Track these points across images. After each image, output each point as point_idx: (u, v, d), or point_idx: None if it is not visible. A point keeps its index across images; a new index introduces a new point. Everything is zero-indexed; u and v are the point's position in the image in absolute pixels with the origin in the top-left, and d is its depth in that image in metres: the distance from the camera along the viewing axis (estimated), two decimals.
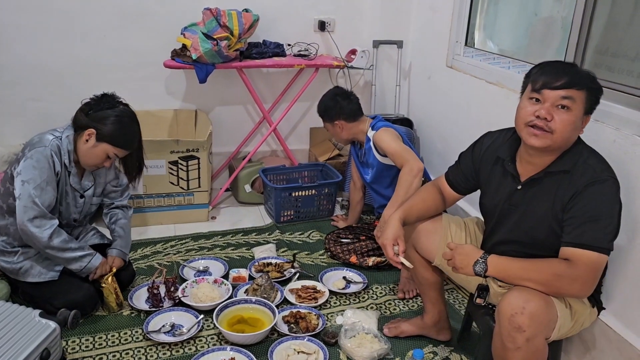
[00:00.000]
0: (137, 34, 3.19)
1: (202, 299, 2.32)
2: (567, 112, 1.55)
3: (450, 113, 3.12)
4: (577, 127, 1.59)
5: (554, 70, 1.58)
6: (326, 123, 2.80)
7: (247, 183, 3.37)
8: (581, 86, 1.55)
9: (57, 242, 2.07)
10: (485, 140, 1.89)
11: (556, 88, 1.55)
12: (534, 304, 1.55)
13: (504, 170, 1.78)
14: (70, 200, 2.21)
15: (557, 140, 1.58)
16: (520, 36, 2.91)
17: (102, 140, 2.10)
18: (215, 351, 2.04)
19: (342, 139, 2.82)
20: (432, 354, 2.13)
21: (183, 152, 2.99)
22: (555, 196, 1.64)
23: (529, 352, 1.57)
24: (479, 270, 1.66)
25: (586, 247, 1.55)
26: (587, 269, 1.55)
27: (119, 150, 2.15)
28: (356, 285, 2.55)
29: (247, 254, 2.83)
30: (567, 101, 1.55)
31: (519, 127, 1.65)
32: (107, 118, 2.10)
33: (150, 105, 3.33)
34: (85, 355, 2.06)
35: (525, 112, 1.61)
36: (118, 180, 2.41)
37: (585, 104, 1.57)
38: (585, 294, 1.61)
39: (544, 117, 1.56)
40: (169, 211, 3.10)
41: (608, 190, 1.58)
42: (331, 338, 2.16)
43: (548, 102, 1.56)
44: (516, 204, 1.74)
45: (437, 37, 3.25)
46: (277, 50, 3.29)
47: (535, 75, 1.61)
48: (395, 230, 1.82)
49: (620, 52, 2.06)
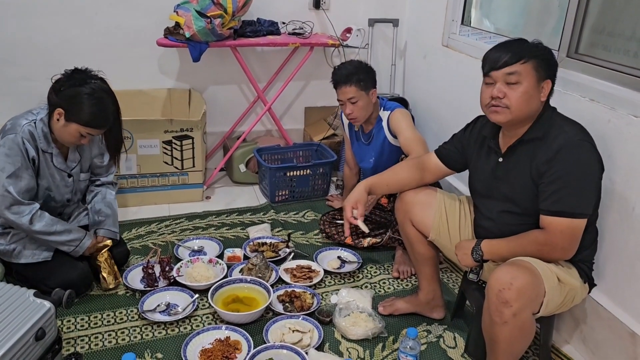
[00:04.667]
0: (130, 11, 3.14)
1: (197, 278, 2.32)
2: (517, 86, 1.65)
3: (445, 93, 3.11)
4: (531, 97, 1.67)
5: (497, 51, 1.70)
6: (360, 91, 2.52)
7: (242, 163, 3.36)
8: (524, 59, 1.64)
9: (40, 226, 2.06)
10: (477, 122, 1.98)
11: (499, 67, 1.66)
12: (521, 279, 1.59)
13: (488, 148, 1.87)
14: (59, 182, 2.18)
15: (515, 113, 1.67)
16: (517, 15, 2.89)
17: (71, 121, 2.01)
18: (211, 330, 2.05)
19: (367, 113, 2.59)
20: (425, 332, 2.15)
21: (177, 131, 2.97)
22: (531, 163, 1.71)
23: (516, 326, 1.63)
24: (477, 258, 1.80)
25: (559, 214, 1.64)
26: (562, 235, 1.65)
27: (90, 130, 2.04)
28: (351, 264, 2.56)
29: (242, 234, 2.83)
30: (513, 77, 1.65)
31: (484, 110, 1.77)
32: (77, 96, 1.99)
33: (143, 85, 3.30)
34: (80, 334, 2.07)
35: (483, 96, 1.74)
36: (103, 155, 2.35)
37: (536, 72, 1.65)
38: (568, 256, 1.71)
39: (497, 96, 1.67)
40: (163, 191, 3.09)
41: (582, 153, 1.64)
42: (326, 317, 2.17)
43: (498, 82, 1.68)
44: (500, 177, 1.83)
45: (433, 16, 3.22)
46: (271, 29, 3.26)
47: (483, 60, 1.74)
48: (357, 195, 2.00)
49: (616, 32, 2.05)
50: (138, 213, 2.98)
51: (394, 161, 2.61)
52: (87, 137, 2.07)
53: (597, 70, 2.04)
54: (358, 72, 2.54)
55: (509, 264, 1.67)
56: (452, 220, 2.02)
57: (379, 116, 2.65)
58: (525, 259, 1.69)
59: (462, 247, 1.87)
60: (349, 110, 2.56)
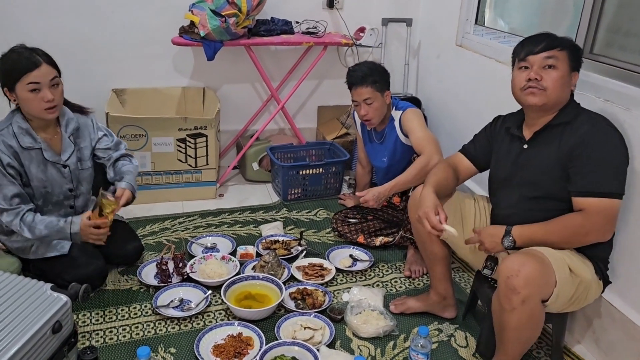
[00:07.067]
0: (145, 10, 3.17)
1: (210, 275, 2.34)
2: (553, 70, 1.72)
3: (459, 92, 3.10)
4: (565, 82, 1.74)
5: (533, 39, 1.78)
6: (376, 92, 2.53)
7: (255, 161, 3.38)
8: (561, 46, 1.73)
9: (27, 232, 2.05)
10: (497, 121, 2.03)
11: (538, 52, 1.73)
12: (529, 267, 1.61)
13: (512, 136, 1.91)
14: (55, 175, 2.14)
15: (552, 96, 1.73)
16: (531, 14, 2.87)
17: (13, 88, 1.96)
18: (223, 326, 2.07)
19: (381, 114, 2.61)
20: (437, 331, 2.16)
21: (191, 129, 2.99)
22: (559, 146, 1.74)
23: (524, 314, 1.64)
24: (508, 245, 1.76)
25: (596, 194, 1.66)
26: (600, 216, 1.66)
27: (29, 77, 1.94)
28: (363, 263, 2.57)
29: (255, 232, 2.85)
30: (551, 60, 1.72)
31: (516, 95, 1.81)
32: (1, 65, 1.97)
33: (158, 83, 3.33)
34: (95, 328, 2.10)
35: (518, 80, 1.79)
36: (107, 137, 2.32)
37: (570, 61, 1.74)
38: (605, 238, 1.72)
39: (535, 78, 1.72)
40: (177, 188, 3.12)
41: (612, 138, 1.69)
42: (337, 314, 2.18)
43: (535, 66, 1.74)
44: (522, 164, 1.85)
45: (446, 15, 3.21)
46: (285, 28, 3.27)
47: (518, 49, 1.81)
48: (434, 199, 1.85)
49: (632, 31, 2.03)
50: (152, 210, 3.01)
51: (407, 160, 2.62)
52: (41, 89, 1.97)
53: (612, 70, 2.02)
54: (373, 74, 2.54)
55: (520, 252, 1.68)
56: (467, 219, 2.02)
57: (391, 116, 2.65)
58: (538, 248, 1.69)
59: (489, 234, 1.79)
60: (364, 112, 2.56)
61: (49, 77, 1.99)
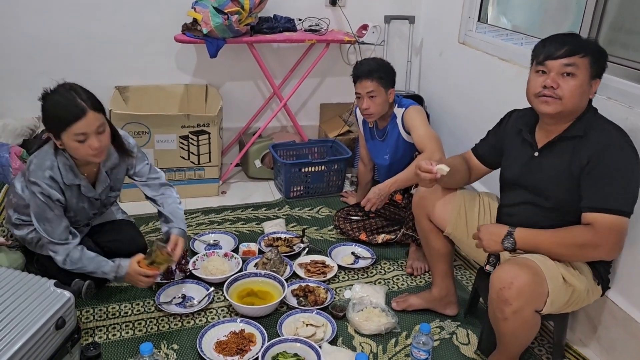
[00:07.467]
0: (148, 8, 3.18)
1: (213, 271, 2.35)
2: (572, 79, 1.63)
3: (461, 90, 3.10)
4: (584, 91, 1.66)
5: (555, 41, 1.68)
6: (380, 87, 2.54)
7: (257, 158, 3.38)
8: (583, 53, 1.63)
9: (70, 266, 2.04)
10: (512, 115, 1.97)
11: (558, 57, 1.64)
12: (521, 279, 1.59)
13: (523, 139, 1.85)
14: (86, 206, 2.16)
15: (567, 105, 1.65)
16: (534, 12, 2.87)
17: (61, 135, 1.88)
18: (226, 323, 2.08)
19: (382, 110, 2.61)
20: (438, 328, 2.16)
21: (194, 126, 3.00)
22: (571, 159, 1.69)
23: (517, 322, 1.64)
24: (508, 246, 1.72)
25: (606, 210, 1.61)
26: (609, 232, 1.61)
27: (76, 127, 1.85)
28: (365, 260, 2.57)
29: (257, 229, 2.85)
30: (570, 68, 1.63)
31: (530, 100, 1.74)
32: (45, 112, 1.90)
33: (160, 80, 3.34)
34: (98, 324, 2.11)
35: (533, 84, 1.71)
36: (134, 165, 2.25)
37: (591, 69, 1.64)
38: (611, 257, 1.69)
39: (550, 86, 1.64)
40: (180, 185, 3.11)
41: (626, 155, 1.62)
42: (339, 312, 2.19)
43: (553, 72, 1.65)
44: (532, 170, 1.80)
45: (449, 13, 3.21)
46: (287, 25, 3.27)
47: (539, 49, 1.71)
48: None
49: (635, 29, 2.03)
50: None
51: (409, 158, 2.62)
52: (87, 138, 1.89)
53: (615, 68, 2.02)
54: (380, 70, 2.56)
55: (513, 262, 1.67)
56: (471, 215, 2.02)
57: (393, 113, 2.65)
58: (530, 257, 1.67)
59: (490, 232, 1.75)
60: (366, 105, 2.56)
61: (95, 125, 1.89)
